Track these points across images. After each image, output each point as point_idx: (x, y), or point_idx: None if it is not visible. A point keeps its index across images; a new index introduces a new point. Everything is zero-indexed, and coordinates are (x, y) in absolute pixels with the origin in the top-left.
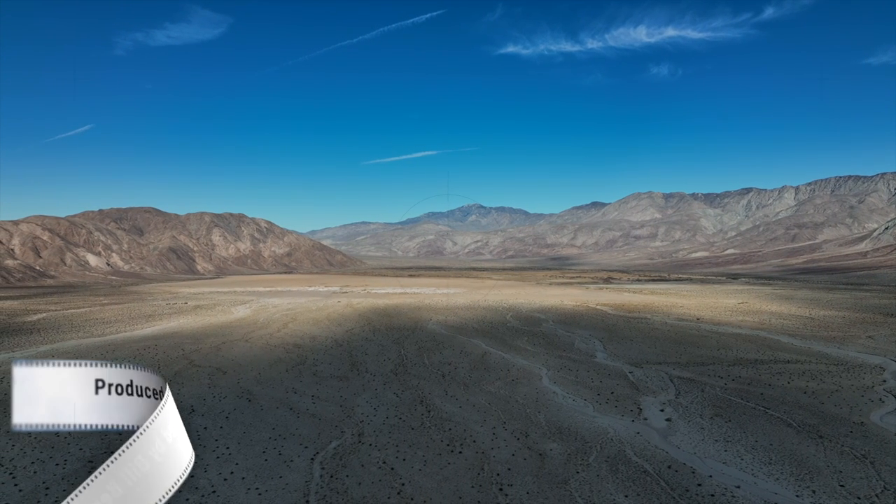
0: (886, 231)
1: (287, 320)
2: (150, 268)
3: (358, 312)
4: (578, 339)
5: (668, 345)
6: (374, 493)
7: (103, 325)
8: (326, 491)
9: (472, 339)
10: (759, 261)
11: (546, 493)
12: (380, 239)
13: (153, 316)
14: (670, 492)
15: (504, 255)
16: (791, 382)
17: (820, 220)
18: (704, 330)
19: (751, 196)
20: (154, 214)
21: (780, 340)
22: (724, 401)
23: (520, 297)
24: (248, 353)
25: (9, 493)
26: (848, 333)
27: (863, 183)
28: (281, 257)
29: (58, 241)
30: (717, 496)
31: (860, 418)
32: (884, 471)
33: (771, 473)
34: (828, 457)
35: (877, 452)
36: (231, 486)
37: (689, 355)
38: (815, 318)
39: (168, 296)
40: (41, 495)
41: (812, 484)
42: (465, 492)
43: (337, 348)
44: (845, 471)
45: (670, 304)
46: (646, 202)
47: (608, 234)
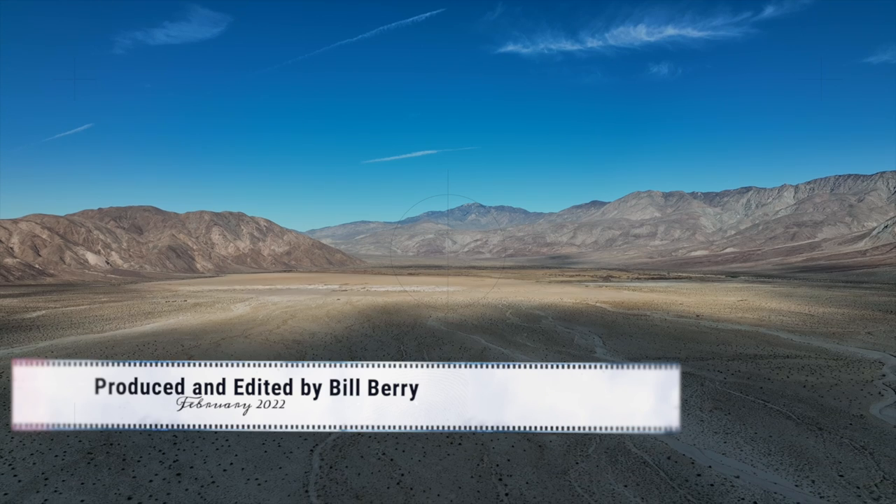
0: (886, 230)
1: (286, 317)
2: (149, 266)
3: (357, 310)
4: (578, 335)
5: (668, 340)
6: (373, 483)
7: (102, 322)
8: (326, 481)
9: (472, 336)
10: (758, 259)
11: (545, 482)
12: (379, 238)
13: (152, 313)
14: (669, 482)
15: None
16: (790, 377)
17: (819, 218)
18: (704, 326)
19: (750, 195)
20: (153, 213)
21: (779, 336)
22: (724, 394)
23: (519, 294)
24: (247, 348)
25: (8, 483)
26: (847, 330)
27: (862, 182)
28: (280, 256)
29: (57, 240)
30: (716, 486)
31: (859, 411)
32: (883, 461)
33: (770, 464)
34: (827, 448)
35: (876, 444)
36: (230, 477)
37: (688, 350)
38: (815, 315)
39: (167, 294)
40: (40, 485)
41: (811, 474)
42: (464, 482)
43: (336, 344)
44: (844, 461)
45: (670, 302)
46: (645, 201)
47: (608, 233)
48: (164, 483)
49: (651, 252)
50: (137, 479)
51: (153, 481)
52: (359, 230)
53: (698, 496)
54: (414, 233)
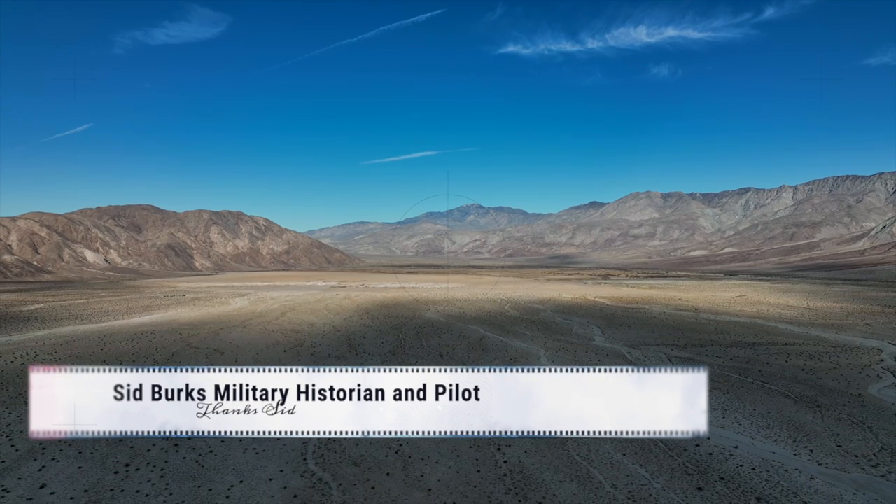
0: (884, 230)
1: (285, 310)
2: (148, 264)
3: (356, 304)
4: (577, 326)
5: (666, 330)
6: (371, 452)
7: (101, 315)
8: (324, 451)
9: (471, 326)
10: (757, 259)
11: (544, 451)
12: (378, 238)
13: (151, 307)
14: (668, 451)
15: (503, 254)
16: (789, 361)
17: (818, 219)
18: (702, 318)
19: (749, 196)
20: (152, 212)
21: (777, 327)
22: (723, 377)
23: (518, 291)
24: (245, 337)
25: (5, 452)
26: (846, 321)
27: (861, 182)
28: (279, 255)
29: (56, 238)
30: (714, 454)
31: (857, 391)
32: (881, 434)
33: (769, 436)
34: (825, 423)
35: (874, 419)
36: (228, 446)
37: (686, 339)
38: (813, 309)
39: (166, 290)
40: (38, 454)
41: (809, 445)
42: (462, 451)
43: (335, 333)
44: (843, 434)
45: (668, 297)
46: (644, 202)
47: (607, 234)
48: (162, 452)
49: (650, 252)
50: (135, 449)
51: (150, 451)
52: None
53: (697, 463)
54: (413, 233)
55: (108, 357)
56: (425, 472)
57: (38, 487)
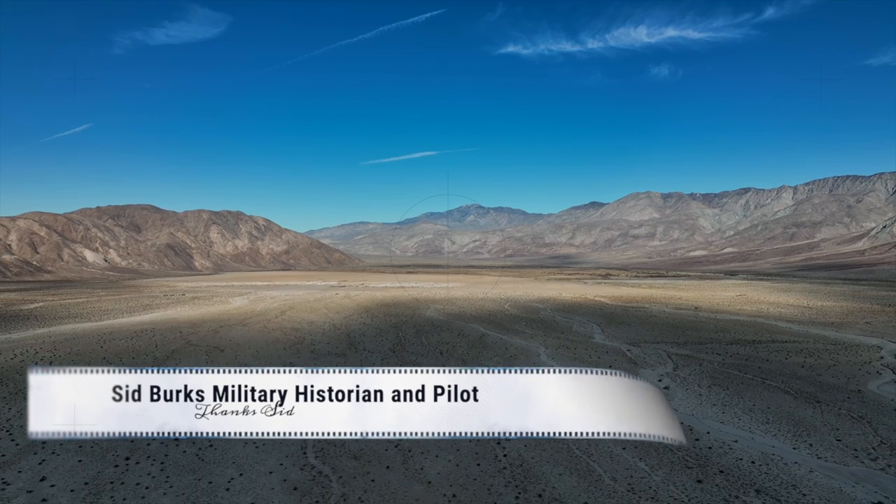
0: (884, 230)
1: (285, 309)
2: (147, 264)
3: (356, 303)
4: (577, 324)
5: (666, 328)
6: (371, 446)
7: (100, 313)
8: (324, 445)
9: (470, 324)
10: (757, 259)
11: (543, 445)
12: (378, 238)
13: (150, 306)
14: (667, 445)
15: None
16: (789, 358)
17: (818, 219)
18: (702, 317)
19: (749, 196)
20: (152, 212)
21: (777, 325)
22: (722, 373)
23: (518, 290)
24: (245, 334)
25: (5, 447)
26: (846, 320)
27: (861, 183)
28: (279, 255)
29: (55, 237)
30: (714, 448)
31: (857, 387)
32: (881, 428)
33: (768, 431)
34: (825, 418)
35: (874, 414)
36: (228, 441)
37: (686, 337)
38: (813, 307)
39: (165, 289)
40: (38, 447)
41: (809, 439)
42: (462, 444)
43: (335, 331)
44: (842, 428)
45: (668, 296)
46: (644, 202)
47: (606, 234)
48: (162, 446)
49: (650, 252)
50: (135, 443)
51: (151, 445)
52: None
53: (696, 457)
54: (413, 233)
55: (108, 354)
56: (425, 465)
57: (39, 480)
